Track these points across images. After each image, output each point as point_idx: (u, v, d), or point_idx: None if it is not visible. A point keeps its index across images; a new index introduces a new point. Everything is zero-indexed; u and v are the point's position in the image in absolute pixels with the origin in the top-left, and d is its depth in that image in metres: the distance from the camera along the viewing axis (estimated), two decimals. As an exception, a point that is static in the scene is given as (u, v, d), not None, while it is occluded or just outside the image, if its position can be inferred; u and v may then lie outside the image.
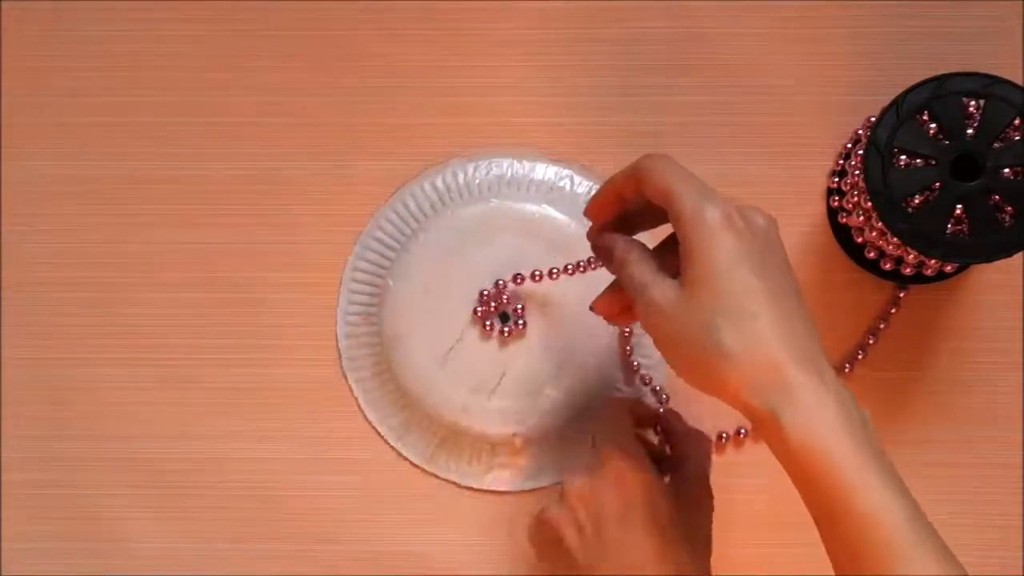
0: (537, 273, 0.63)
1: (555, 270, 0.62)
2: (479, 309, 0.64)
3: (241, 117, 0.68)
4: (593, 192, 0.62)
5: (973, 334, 0.66)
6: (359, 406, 0.67)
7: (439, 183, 0.66)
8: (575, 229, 0.64)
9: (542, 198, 0.66)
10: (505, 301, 0.64)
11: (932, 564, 0.44)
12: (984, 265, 0.65)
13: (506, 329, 0.64)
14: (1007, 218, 0.56)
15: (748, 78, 0.67)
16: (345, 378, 0.67)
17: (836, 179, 0.66)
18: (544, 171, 0.67)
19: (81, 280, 0.68)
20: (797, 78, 0.67)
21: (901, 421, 0.67)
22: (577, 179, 0.67)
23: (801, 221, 0.67)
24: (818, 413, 0.45)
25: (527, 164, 0.67)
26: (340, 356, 0.67)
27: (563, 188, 0.66)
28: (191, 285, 0.68)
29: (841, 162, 0.66)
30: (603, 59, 0.67)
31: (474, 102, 0.67)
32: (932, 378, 0.66)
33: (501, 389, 0.64)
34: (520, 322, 0.64)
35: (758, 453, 0.66)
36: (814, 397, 0.46)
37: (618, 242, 0.53)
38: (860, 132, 0.65)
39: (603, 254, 0.54)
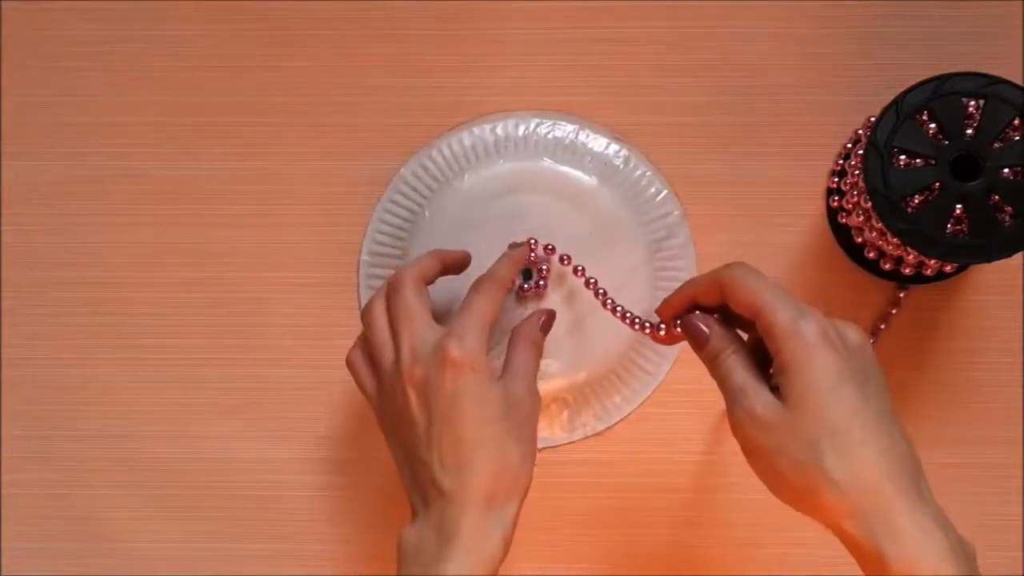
0: (577, 268, 0.61)
1: (593, 281, 0.60)
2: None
3: (241, 117, 0.68)
4: (637, 172, 0.64)
5: (973, 334, 0.66)
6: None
7: (499, 130, 0.66)
8: (621, 213, 0.65)
9: (595, 171, 0.65)
10: (533, 259, 0.63)
11: None
12: (984, 265, 0.65)
13: (526, 287, 0.64)
14: (1007, 218, 0.56)
15: (748, 78, 0.67)
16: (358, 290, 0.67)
17: (836, 179, 0.66)
18: (602, 144, 0.66)
19: (81, 280, 0.68)
20: (797, 78, 0.67)
21: (901, 421, 0.67)
22: (634, 160, 0.66)
23: (801, 221, 0.67)
24: (923, 549, 0.45)
25: (586, 134, 0.66)
26: (358, 270, 0.68)
27: (618, 167, 0.66)
28: (191, 285, 0.68)
29: (841, 162, 0.66)
30: (603, 59, 0.67)
31: (474, 102, 0.67)
32: (932, 378, 0.66)
33: (502, 348, 0.64)
34: (542, 283, 0.64)
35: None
36: (919, 530, 0.46)
37: (715, 330, 0.52)
38: (860, 132, 0.65)
39: (694, 335, 0.52)
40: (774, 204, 0.67)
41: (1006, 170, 0.56)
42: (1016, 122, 0.56)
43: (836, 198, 0.65)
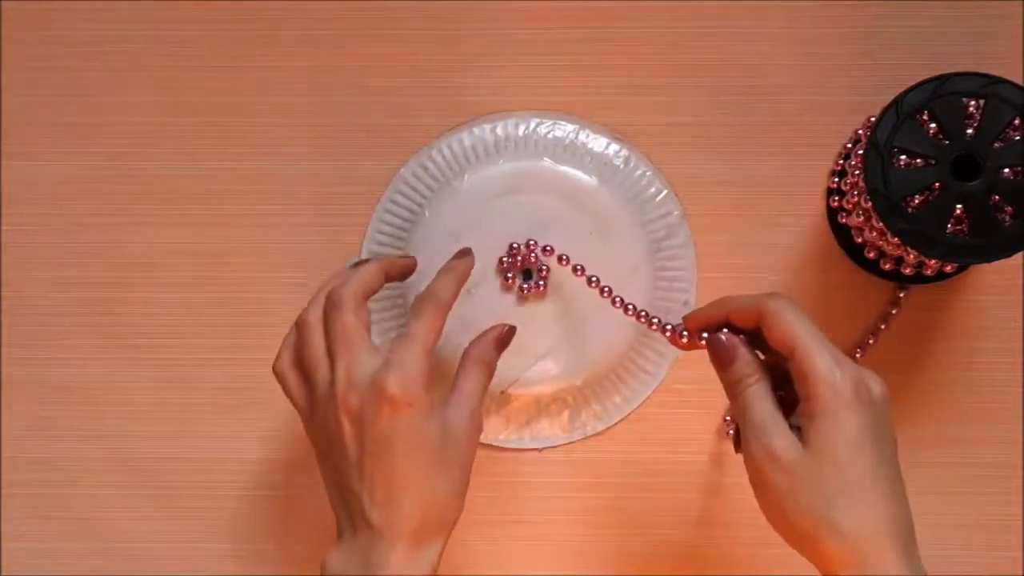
0: (577, 268, 0.62)
1: (595, 279, 0.61)
2: (505, 260, 0.64)
3: (241, 117, 0.68)
4: (637, 172, 0.65)
5: (973, 334, 0.66)
6: None
7: (499, 130, 0.67)
8: (621, 213, 0.65)
9: (595, 171, 0.65)
10: (533, 260, 0.63)
11: None
12: (984, 265, 0.65)
13: (526, 287, 0.64)
14: (1007, 218, 0.56)
15: (748, 78, 0.67)
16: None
17: (836, 179, 0.66)
18: (602, 144, 0.67)
19: (81, 280, 0.68)
20: (797, 78, 0.67)
21: (901, 421, 0.66)
22: (634, 160, 0.66)
23: (801, 221, 0.67)
24: None
25: (586, 133, 0.67)
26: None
27: (618, 166, 0.66)
28: (191, 285, 0.68)
29: (841, 162, 0.66)
30: (603, 59, 0.67)
31: (474, 102, 0.67)
32: (932, 378, 0.66)
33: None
34: (541, 284, 0.64)
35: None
36: None
37: (742, 353, 0.52)
38: (860, 132, 0.65)
39: (719, 354, 0.53)
40: (774, 204, 0.67)
41: (1006, 170, 0.56)
42: (1016, 122, 0.56)
43: (836, 198, 0.65)
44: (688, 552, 0.67)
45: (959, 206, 0.57)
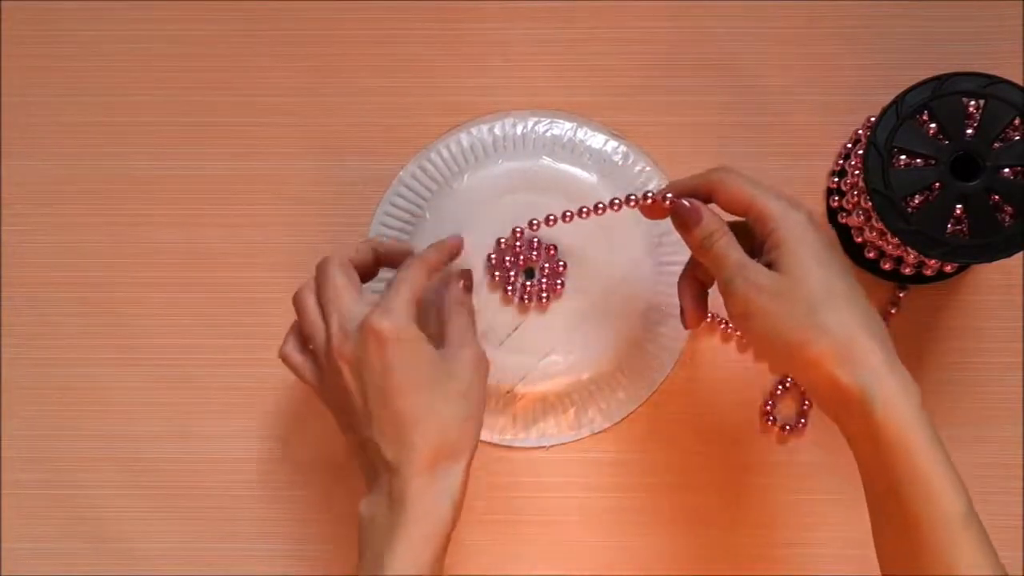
0: (552, 217, 0.61)
1: (568, 213, 0.61)
2: (492, 256, 0.64)
3: (241, 117, 0.68)
4: (636, 168, 0.66)
5: (973, 334, 0.66)
6: None
7: (496, 130, 0.67)
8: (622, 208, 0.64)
9: (594, 168, 0.65)
10: (518, 249, 0.63)
11: (978, 553, 0.51)
12: (984, 265, 0.65)
13: (529, 284, 0.64)
14: (1007, 218, 0.57)
15: (748, 78, 0.67)
16: None
17: (836, 179, 0.66)
18: (600, 142, 0.67)
19: (81, 280, 0.68)
20: (797, 78, 0.67)
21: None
22: (632, 156, 0.67)
23: (801, 221, 0.67)
24: (903, 397, 0.51)
25: (584, 131, 0.67)
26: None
27: (616, 162, 0.66)
28: (191, 285, 0.68)
29: (841, 162, 0.66)
30: (603, 59, 0.67)
31: (473, 102, 0.67)
32: (932, 378, 0.66)
33: (511, 341, 0.64)
34: (543, 280, 0.64)
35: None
36: (900, 382, 0.51)
37: (707, 213, 0.56)
38: (860, 132, 0.65)
39: (685, 215, 0.56)
40: (774, 204, 0.67)
41: (1006, 170, 0.56)
42: (1016, 122, 0.56)
43: (836, 198, 0.65)
44: (690, 552, 0.67)
45: (959, 206, 0.57)
